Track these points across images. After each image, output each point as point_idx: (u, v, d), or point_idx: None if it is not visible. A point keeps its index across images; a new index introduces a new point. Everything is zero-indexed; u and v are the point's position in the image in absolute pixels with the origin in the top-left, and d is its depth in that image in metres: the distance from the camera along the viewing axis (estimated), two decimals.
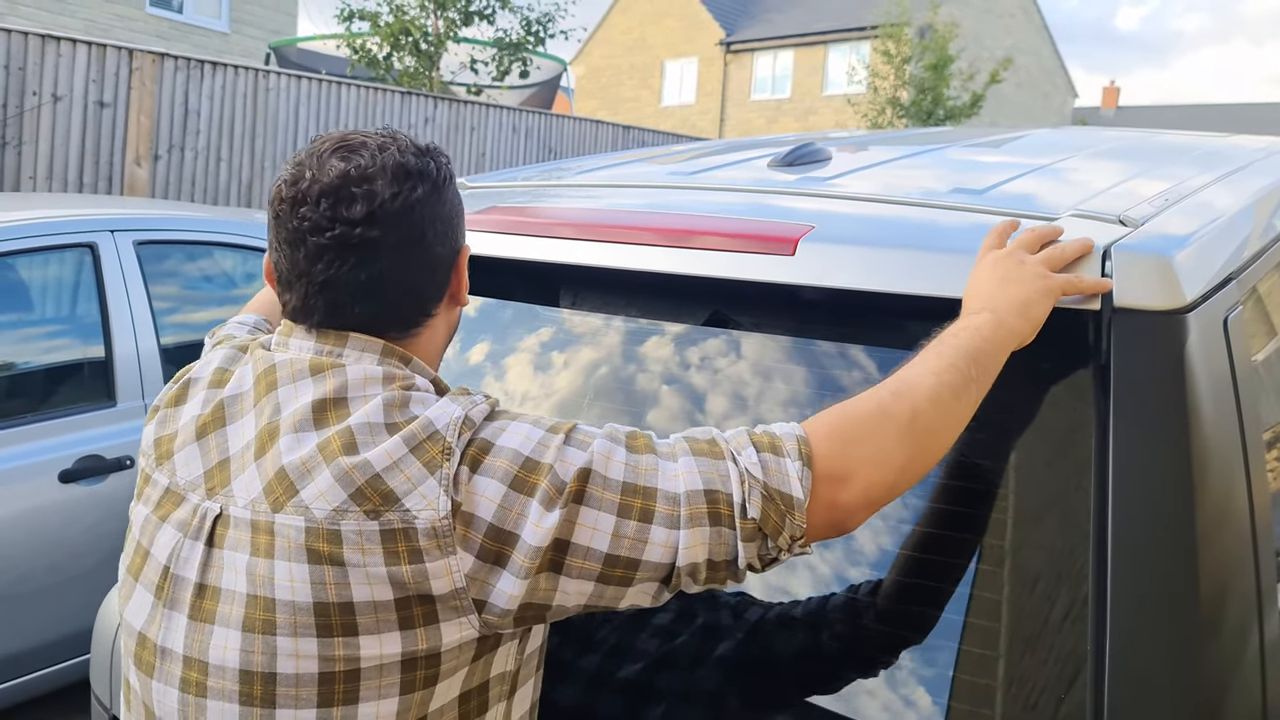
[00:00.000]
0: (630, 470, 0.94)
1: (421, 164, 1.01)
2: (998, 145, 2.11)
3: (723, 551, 0.94)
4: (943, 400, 1.01)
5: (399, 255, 0.99)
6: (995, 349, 1.07)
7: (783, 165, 1.71)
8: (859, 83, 20.55)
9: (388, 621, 0.90)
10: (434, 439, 0.93)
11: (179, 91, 6.77)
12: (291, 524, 0.91)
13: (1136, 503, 1.08)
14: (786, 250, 1.26)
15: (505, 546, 0.91)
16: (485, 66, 10.42)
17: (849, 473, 0.96)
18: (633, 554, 0.92)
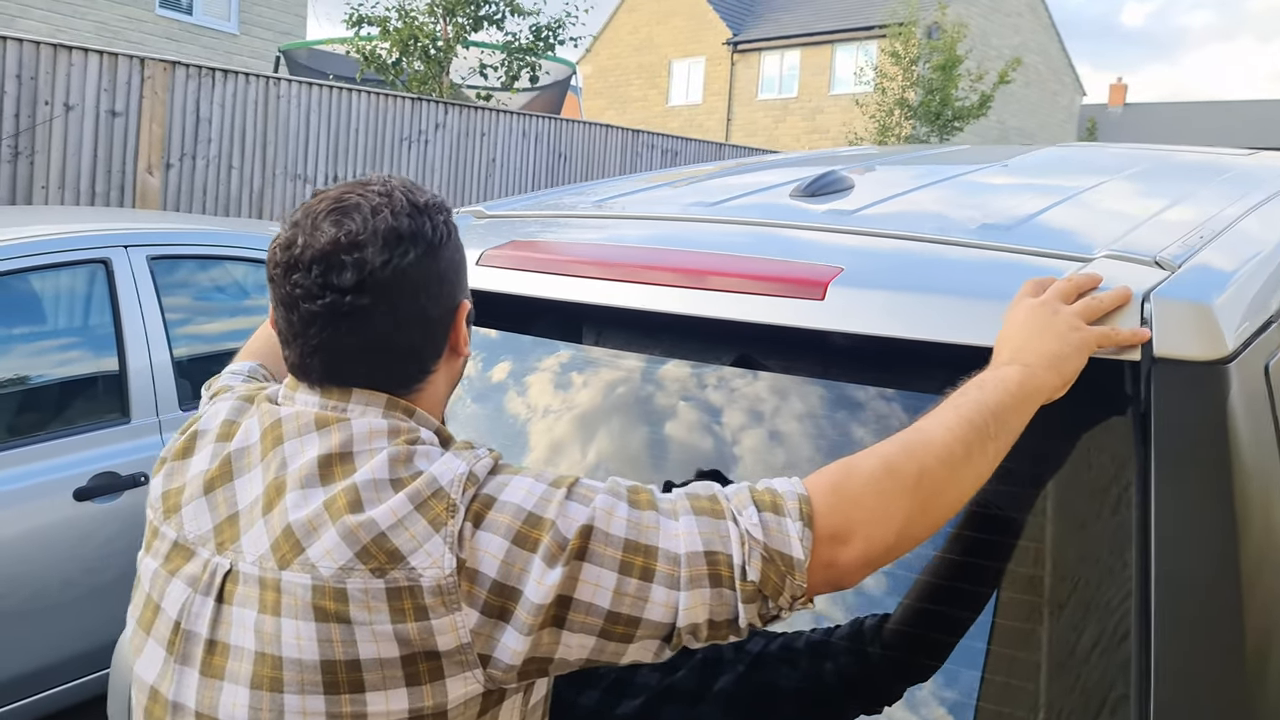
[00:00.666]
0: (633, 527, 0.94)
1: (415, 226, 1.00)
2: (1018, 169, 2.08)
3: (724, 612, 0.94)
4: (954, 459, 0.99)
5: (391, 320, 0.99)
6: (1021, 404, 1.05)
7: (805, 196, 1.69)
8: (866, 83, 20.50)
9: (394, 678, 0.91)
10: (438, 496, 0.93)
11: (190, 100, 6.77)
12: (298, 582, 0.92)
13: (1180, 559, 1.06)
14: (816, 294, 1.23)
15: (509, 602, 0.92)
16: (495, 71, 10.40)
17: (850, 533, 0.95)
18: (634, 611, 0.93)
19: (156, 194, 6.42)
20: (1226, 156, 2.25)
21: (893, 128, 17.91)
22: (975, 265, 1.31)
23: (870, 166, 2.17)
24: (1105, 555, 1.10)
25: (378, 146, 8.09)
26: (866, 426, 1.26)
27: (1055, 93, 30.85)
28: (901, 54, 17.56)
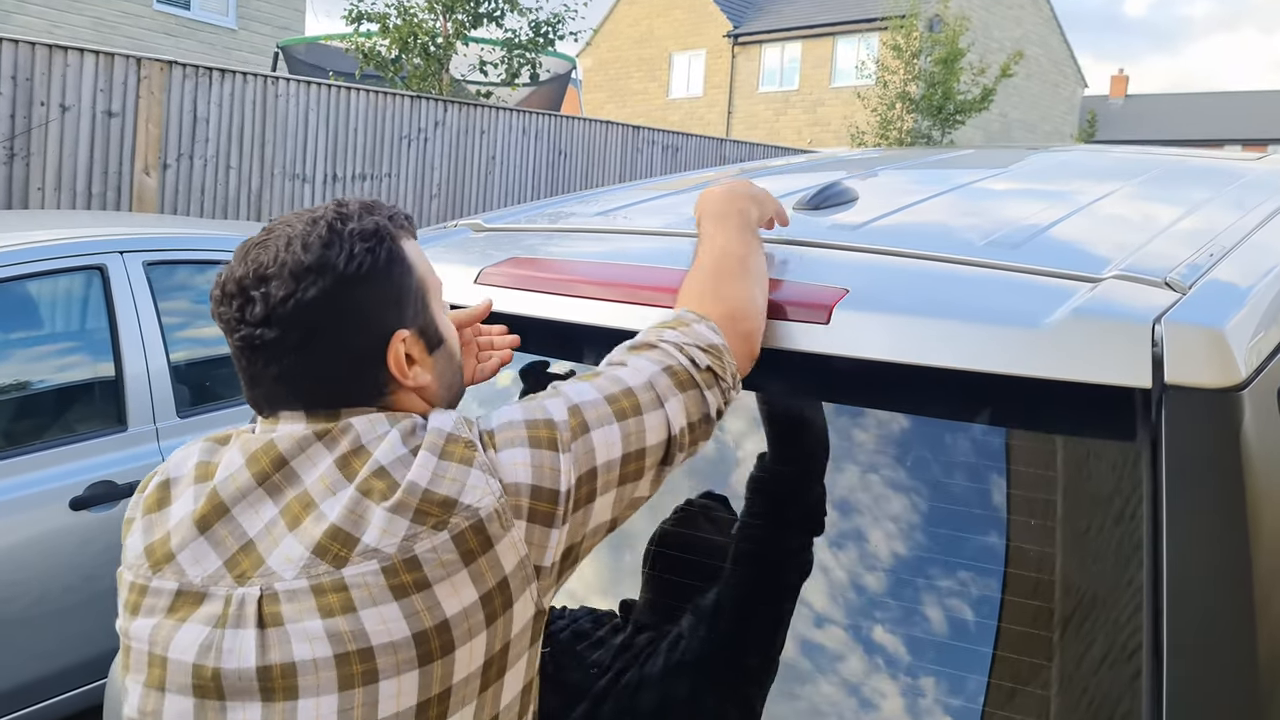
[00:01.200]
0: (602, 389, 1.08)
1: (325, 259, 1.01)
2: (1024, 175, 2.05)
3: (697, 409, 1.12)
4: (753, 267, 1.26)
5: (307, 352, 1.01)
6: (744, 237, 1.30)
7: (809, 209, 1.67)
8: (868, 76, 20.44)
9: (477, 624, 0.96)
10: (452, 440, 1.00)
11: (187, 99, 6.73)
12: (365, 571, 0.93)
13: (1191, 590, 1.04)
14: (821, 318, 1.22)
15: (547, 503, 1.00)
16: (495, 68, 10.36)
17: (733, 312, 1.19)
18: (639, 444, 1.07)
19: (154, 195, 6.39)
20: (1237, 161, 2.21)
21: (894, 121, 17.85)
22: (983, 284, 1.29)
23: (874, 173, 2.14)
24: (1116, 584, 1.08)
25: (377, 145, 8.05)
26: (874, 452, 1.24)
27: (1057, 84, 30.77)
28: (903, 47, 17.51)
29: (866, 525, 1.23)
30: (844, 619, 1.22)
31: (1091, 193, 1.74)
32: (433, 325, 1.11)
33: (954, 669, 1.14)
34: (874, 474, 1.23)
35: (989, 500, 1.18)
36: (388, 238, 1.07)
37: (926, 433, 1.22)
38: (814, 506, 1.26)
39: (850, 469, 1.25)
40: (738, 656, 1.27)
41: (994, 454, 1.19)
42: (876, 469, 1.24)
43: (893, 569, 1.21)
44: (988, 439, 1.19)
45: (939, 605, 1.17)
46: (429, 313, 1.11)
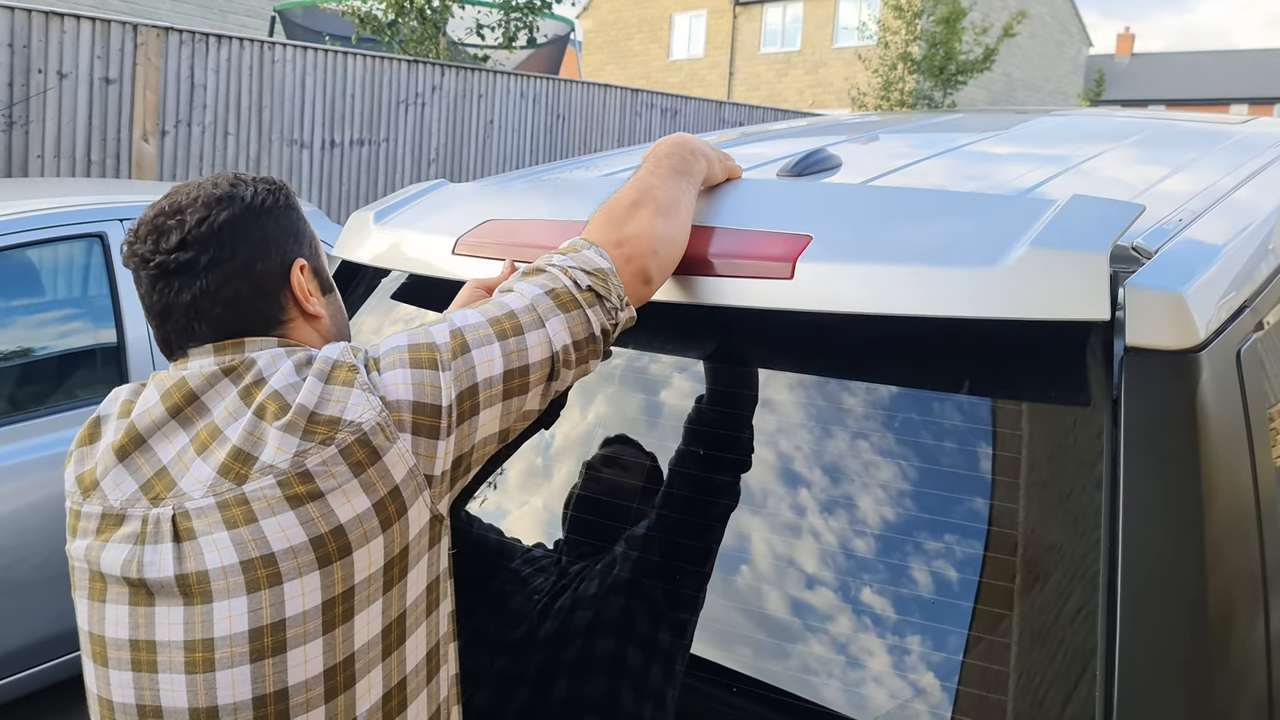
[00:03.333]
0: (486, 313, 1.16)
1: (232, 191, 1.17)
2: (1014, 139, 2.06)
3: (581, 328, 1.19)
4: (673, 190, 1.32)
5: (216, 273, 1.13)
6: (686, 172, 1.38)
7: (792, 175, 1.68)
8: (870, 36, 20.25)
9: (372, 529, 1.05)
10: (338, 366, 1.09)
11: (184, 65, 6.71)
12: (263, 485, 1.03)
13: (1146, 544, 1.08)
14: (784, 273, 1.24)
15: (430, 417, 1.08)
16: (492, 31, 10.29)
17: (624, 239, 1.25)
18: (522, 361, 1.14)
19: (153, 162, 6.40)
20: (1224, 124, 2.23)
21: (896, 83, 17.72)
22: (954, 234, 1.28)
23: (868, 137, 2.15)
24: (1073, 545, 1.12)
25: (374, 110, 8.03)
26: (852, 415, 1.27)
27: (1061, 43, 30.46)
28: (905, 7, 17.33)
29: (835, 488, 1.26)
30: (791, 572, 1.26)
31: (1074, 155, 1.76)
32: (325, 272, 1.27)
33: (914, 615, 1.18)
34: (849, 432, 1.27)
35: (954, 455, 1.22)
36: (286, 190, 1.24)
37: (910, 384, 1.25)
38: (744, 447, 1.32)
39: (824, 429, 1.29)
40: (668, 589, 1.31)
41: (956, 405, 1.22)
42: (851, 427, 1.27)
43: (854, 527, 1.24)
44: (948, 390, 1.23)
45: (897, 557, 1.20)
46: (320, 260, 1.26)
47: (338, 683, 1.05)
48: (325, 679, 1.04)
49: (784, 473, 1.30)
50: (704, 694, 1.28)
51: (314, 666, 1.03)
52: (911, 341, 1.25)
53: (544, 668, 1.37)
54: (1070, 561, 1.12)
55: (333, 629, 1.04)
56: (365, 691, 1.07)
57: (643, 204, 1.29)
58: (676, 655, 1.30)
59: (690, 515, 1.36)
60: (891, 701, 1.16)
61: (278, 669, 1.02)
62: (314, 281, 1.23)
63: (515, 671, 1.39)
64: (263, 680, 1.02)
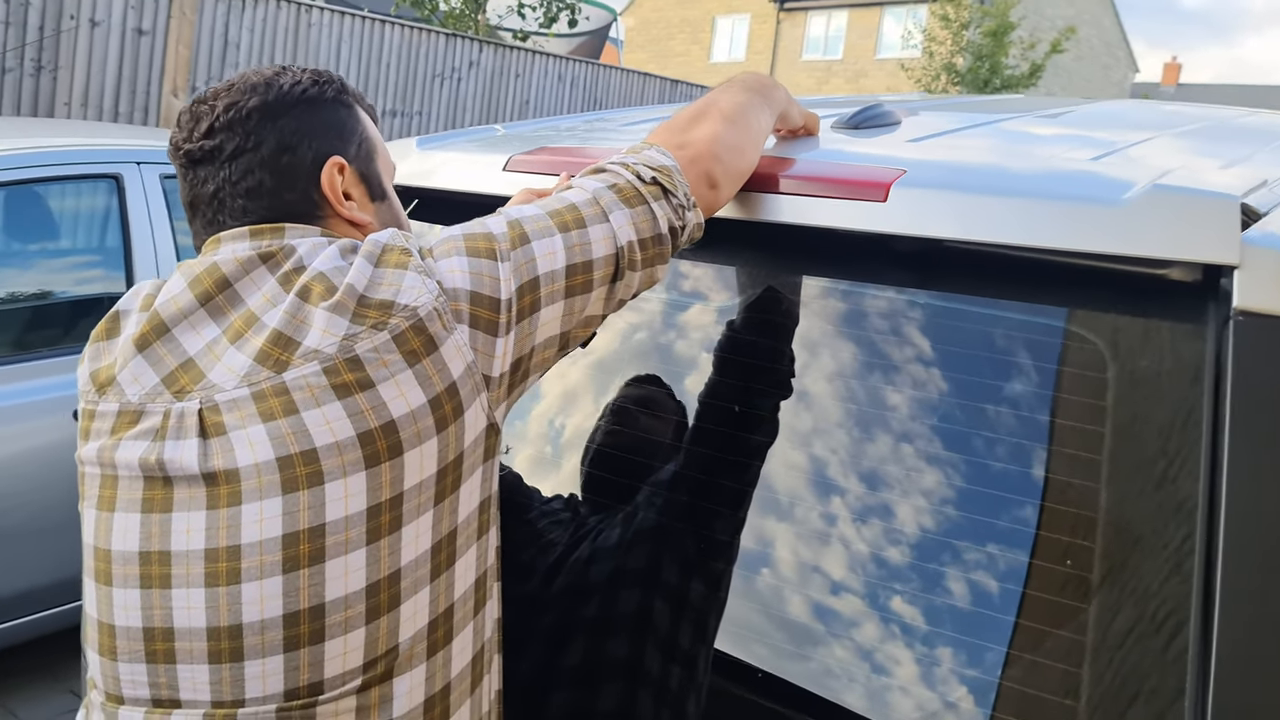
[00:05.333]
0: (546, 206, 1.07)
1: (266, 80, 1.08)
2: (1079, 119, 1.92)
3: (647, 224, 1.09)
4: (743, 107, 1.24)
5: (239, 162, 1.05)
6: (766, 95, 1.30)
7: (849, 128, 1.56)
8: (914, 46, 20.07)
9: (426, 428, 0.93)
10: (388, 249, 0.99)
11: (219, 23, 6.63)
12: (306, 373, 0.92)
13: (1250, 535, 0.93)
14: (878, 196, 1.15)
15: (489, 310, 0.98)
16: (533, 12, 10.19)
17: (687, 142, 1.17)
18: (585, 256, 1.05)
19: None
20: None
21: (938, 94, 17.50)
22: (1051, 173, 1.22)
23: (913, 107, 2.03)
24: (1169, 529, 0.97)
25: (409, 81, 7.93)
26: (929, 338, 1.16)
27: (1107, 67, 30.17)
28: (952, 17, 17.13)
29: (888, 425, 1.15)
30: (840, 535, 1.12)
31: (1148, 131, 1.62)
32: (376, 178, 1.15)
33: (981, 607, 1.04)
34: (922, 355, 1.16)
35: (1032, 399, 1.08)
36: (339, 84, 1.14)
37: (990, 313, 1.14)
38: (784, 373, 1.25)
39: (900, 352, 1.17)
40: (700, 530, 1.22)
41: (1045, 349, 1.09)
42: (923, 350, 1.16)
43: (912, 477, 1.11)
44: (1041, 328, 1.10)
45: (967, 539, 1.06)
46: (373, 165, 1.15)
47: (381, 601, 0.93)
48: (367, 596, 0.92)
49: (852, 409, 1.20)
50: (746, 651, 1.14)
51: (355, 581, 0.91)
52: (1001, 278, 1.13)
53: (567, 623, 1.27)
54: (1160, 551, 0.97)
55: (378, 539, 0.92)
56: (410, 615, 0.95)
57: (707, 113, 1.21)
58: (712, 613, 1.18)
59: (767, 446, 1.25)
60: (947, 698, 1.02)
61: (314, 581, 0.90)
62: (359, 185, 1.12)
63: (539, 628, 1.28)
64: (296, 594, 0.90)
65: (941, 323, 1.18)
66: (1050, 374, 1.09)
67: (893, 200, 1.14)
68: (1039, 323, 1.11)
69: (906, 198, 1.14)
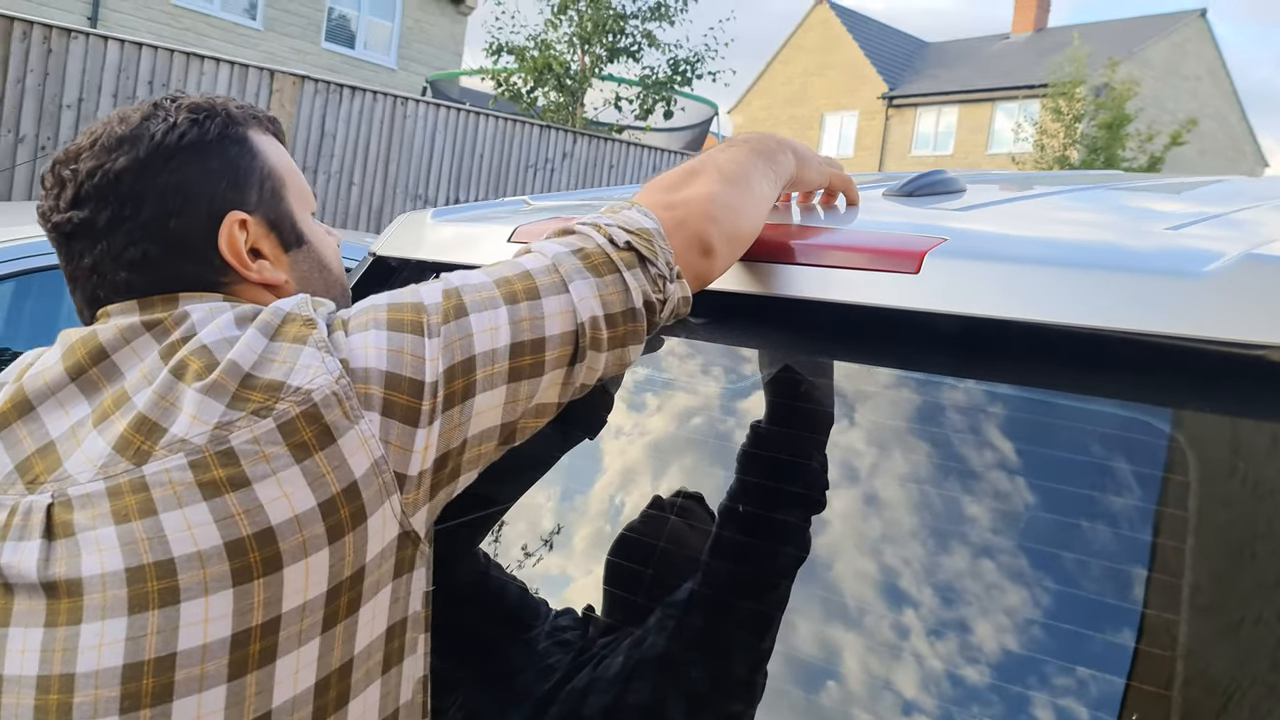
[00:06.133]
0: (492, 273, 0.92)
1: (139, 130, 0.92)
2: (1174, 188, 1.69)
3: (617, 299, 0.93)
4: (744, 168, 1.08)
5: (116, 234, 0.90)
6: (774, 155, 1.14)
7: (900, 196, 1.38)
8: (1025, 140, 19.70)
9: (314, 538, 0.78)
10: (290, 319, 0.85)
11: (316, 114, 6.81)
12: (169, 466, 0.77)
13: None
14: (909, 267, 0.97)
15: (406, 396, 0.82)
16: (630, 104, 10.29)
17: (677, 202, 1.01)
18: (536, 333, 0.89)
19: None
20: None
21: None
22: (1109, 244, 1.04)
23: (988, 179, 1.82)
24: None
25: (502, 171, 8.01)
26: (971, 426, 0.96)
27: (1233, 161, 29.17)
28: (1065, 110, 16.77)
29: (924, 536, 0.94)
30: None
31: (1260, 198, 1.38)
32: (289, 221, 1.00)
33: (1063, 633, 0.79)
34: (965, 447, 0.95)
35: (1107, 498, 0.86)
36: (223, 116, 0.97)
37: (1040, 406, 0.94)
38: (817, 479, 1.04)
39: (942, 441, 0.97)
40: (721, 662, 1.03)
41: (1117, 440, 0.88)
42: (967, 442, 0.95)
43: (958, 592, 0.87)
44: (1111, 417, 0.89)
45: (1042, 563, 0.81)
46: (282, 206, 0.99)
47: None
48: None
49: (880, 518, 1.00)
50: None
51: None
52: (1054, 363, 0.94)
53: None
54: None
55: (243, 674, 0.76)
56: None
57: (702, 170, 1.06)
58: None
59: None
60: None
61: None
62: (269, 237, 0.97)
63: None
64: None
65: (984, 414, 0.95)
66: (1120, 478, 0.85)
67: (926, 271, 0.95)
68: (1099, 412, 0.89)
69: (944, 269, 0.95)
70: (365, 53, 16.44)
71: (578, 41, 9.48)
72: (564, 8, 9.38)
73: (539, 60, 9.30)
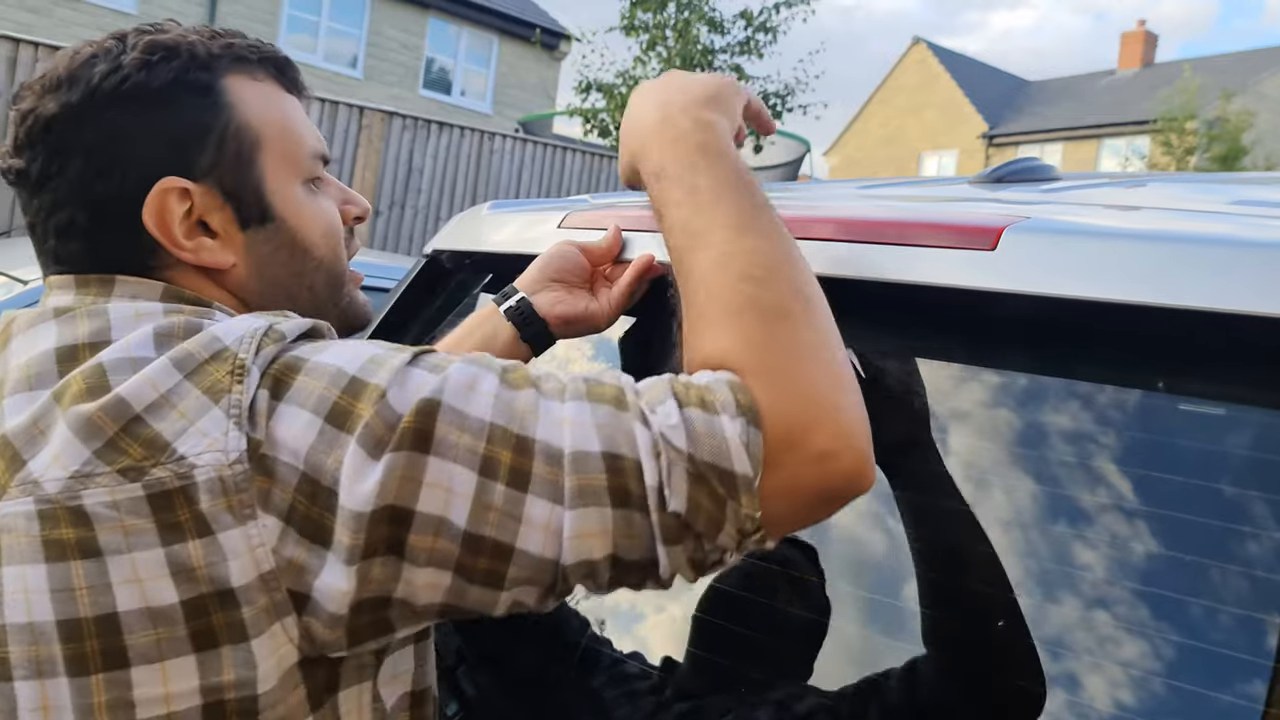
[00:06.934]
0: (501, 407, 0.66)
1: (77, 71, 0.76)
2: None
3: (635, 547, 0.65)
4: (790, 251, 0.74)
5: (44, 191, 0.77)
6: (733, 151, 0.80)
7: (990, 182, 1.28)
8: None
9: (174, 641, 0.63)
10: (220, 357, 0.67)
11: (404, 150, 6.89)
12: (18, 510, 0.64)
13: None
14: (984, 243, 0.85)
15: (324, 511, 0.64)
16: None
17: (810, 418, 0.66)
18: (502, 536, 0.64)
19: (363, 241, 6.54)
20: None
21: None
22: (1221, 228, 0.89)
23: (1095, 177, 1.67)
24: None
25: None
26: (1044, 411, 0.85)
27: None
28: (1175, 144, 16.17)
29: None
30: None
31: None
32: (254, 190, 0.80)
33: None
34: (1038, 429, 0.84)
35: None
36: (184, 58, 0.78)
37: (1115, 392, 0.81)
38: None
39: (1004, 427, 0.86)
40: None
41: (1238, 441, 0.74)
42: (1038, 423, 0.84)
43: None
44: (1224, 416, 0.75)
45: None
46: (249, 172, 0.80)
47: None
48: None
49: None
50: None
51: None
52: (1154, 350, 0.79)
53: None
54: None
55: None
56: None
57: (798, 310, 0.71)
58: None
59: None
60: None
61: None
62: (221, 209, 0.79)
63: None
64: None
65: (1065, 405, 0.80)
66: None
67: (1004, 247, 0.83)
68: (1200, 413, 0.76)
69: (1025, 244, 0.83)
70: (461, 99, 16.82)
71: None
72: (652, 44, 9.41)
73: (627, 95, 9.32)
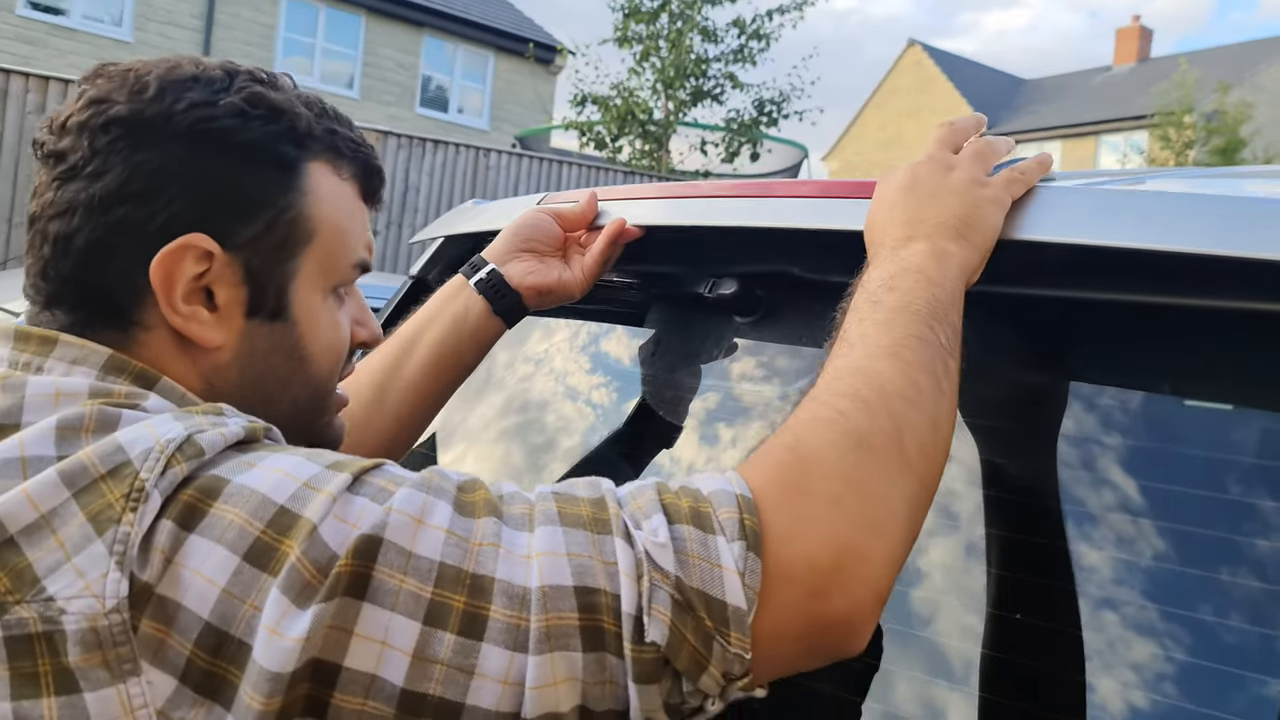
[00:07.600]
0: (454, 544, 0.58)
1: (163, 84, 0.69)
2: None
3: (606, 696, 0.58)
4: (924, 394, 0.67)
5: (69, 188, 0.68)
6: (952, 292, 0.73)
7: None
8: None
9: None
10: (118, 475, 0.57)
11: (400, 168, 6.88)
12: None
13: None
14: None
15: (230, 668, 0.55)
16: (715, 148, 10.21)
17: (830, 557, 0.59)
18: (448, 693, 0.56)
19: None
20: None
21: None
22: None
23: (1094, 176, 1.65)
24: None
25: None
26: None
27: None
28: (1173, 138, 16.13)
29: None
30: None
31: None
32: (278, 283, 0.73)
33: None
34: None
35: None
36: (284, 126, 0.72)
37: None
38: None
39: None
40: None
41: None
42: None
43: None
44: None
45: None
46: (284, 263, 0.73)
47: None
48: None
49: None
50: None
51: None
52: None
53: None
54: None
55: None
56: None
57: (883, 447, 0.64)
58: None
59: None
60: None
61: None
62: (237, 287, 0.71)
63: None
64: None
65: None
66: None
67: None
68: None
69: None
70: (459, 116, 16.83)
71: (660, 87, 9.47)
72: (645, 55, 9.40)
73: (621, 108, 9.31)
